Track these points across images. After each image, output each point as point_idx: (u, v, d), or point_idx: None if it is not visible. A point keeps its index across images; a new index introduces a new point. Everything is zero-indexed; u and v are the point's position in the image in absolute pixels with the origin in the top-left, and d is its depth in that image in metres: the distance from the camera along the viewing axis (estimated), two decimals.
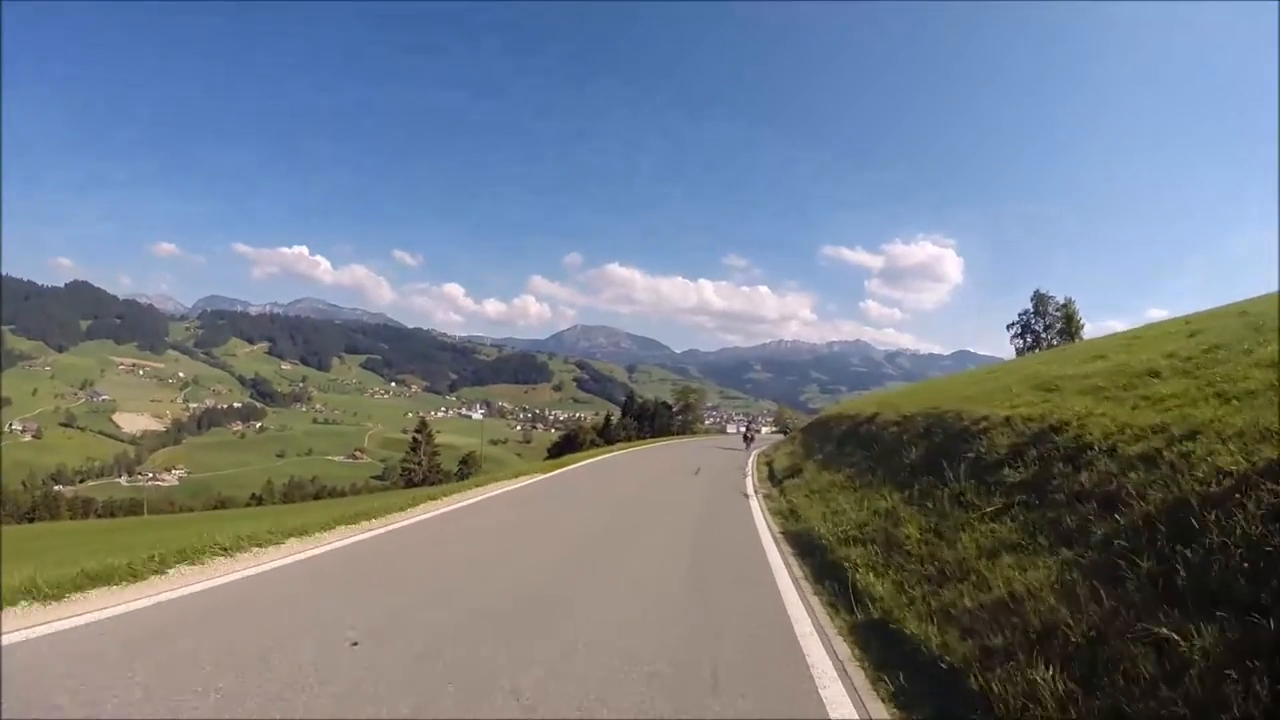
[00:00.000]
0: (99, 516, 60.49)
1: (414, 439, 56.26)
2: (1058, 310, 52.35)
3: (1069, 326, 50.19)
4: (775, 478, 16.03)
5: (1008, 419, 7.37)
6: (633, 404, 71.73)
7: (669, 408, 69.72)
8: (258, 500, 73.12)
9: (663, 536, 8.01)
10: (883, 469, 9.33)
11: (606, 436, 57.17)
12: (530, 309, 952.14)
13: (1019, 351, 50.07)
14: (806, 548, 7.34)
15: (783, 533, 8.57)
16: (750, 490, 13.57)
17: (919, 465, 8.18)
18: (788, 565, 6.54)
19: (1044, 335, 51.91)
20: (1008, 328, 54.88)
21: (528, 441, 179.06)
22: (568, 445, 57.24)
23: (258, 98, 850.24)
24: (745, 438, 33.86)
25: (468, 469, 56.12)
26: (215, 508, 64.83)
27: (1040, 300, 53.25)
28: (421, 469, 51.88)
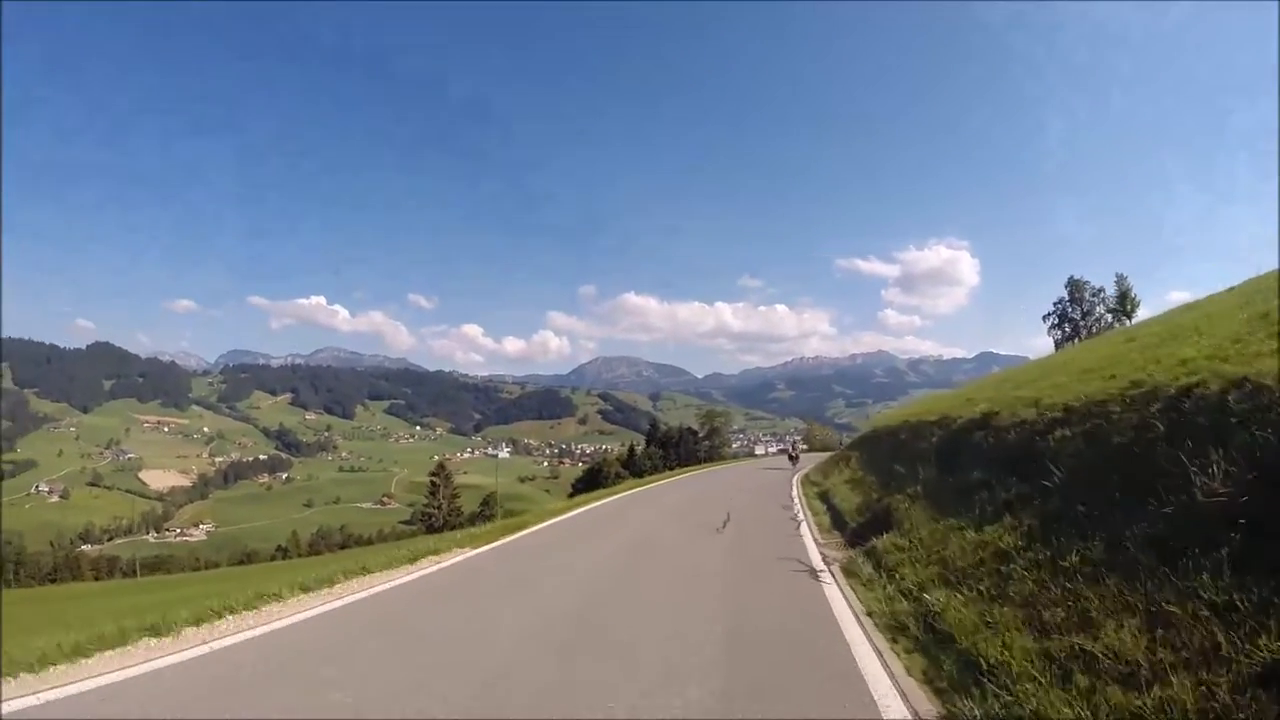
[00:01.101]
0: (124, 575, 60.21)
1: (432, 483, 56.22)
2: (1093, 296, 50.68)
3: (1123, 305, 47.80)
4: (845, 526, 10.84)
5: None
6: (657, 432, 70.01)
7: (694, 434, 67.87)
8: (284, 553, 72.76)
9: None
10: (1137, 524, 4.24)
11: (632, 467, 55.49)
12: (550, 344, 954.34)
13: (1057, 343, 48.20)
14: None
15: None
16: (817, 560, 8.10)
17: None
18: None
19: (1082, 323, 50.27)
20: (1044, 319, 53.67)
21: (555, 477, 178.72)
22: (592, 479, 55.94)
23: (260, 150, 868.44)
24: (790, 457, 33.16)
25: (489, 509, 55.30)
26: (240, 563, 64.55)
27: (1076, 287, 51.51)
28: (441, 513, 51.88)
